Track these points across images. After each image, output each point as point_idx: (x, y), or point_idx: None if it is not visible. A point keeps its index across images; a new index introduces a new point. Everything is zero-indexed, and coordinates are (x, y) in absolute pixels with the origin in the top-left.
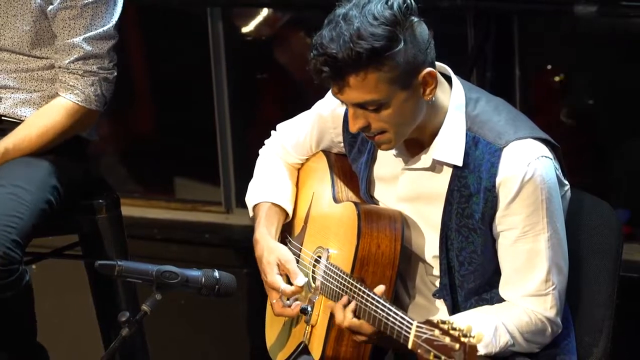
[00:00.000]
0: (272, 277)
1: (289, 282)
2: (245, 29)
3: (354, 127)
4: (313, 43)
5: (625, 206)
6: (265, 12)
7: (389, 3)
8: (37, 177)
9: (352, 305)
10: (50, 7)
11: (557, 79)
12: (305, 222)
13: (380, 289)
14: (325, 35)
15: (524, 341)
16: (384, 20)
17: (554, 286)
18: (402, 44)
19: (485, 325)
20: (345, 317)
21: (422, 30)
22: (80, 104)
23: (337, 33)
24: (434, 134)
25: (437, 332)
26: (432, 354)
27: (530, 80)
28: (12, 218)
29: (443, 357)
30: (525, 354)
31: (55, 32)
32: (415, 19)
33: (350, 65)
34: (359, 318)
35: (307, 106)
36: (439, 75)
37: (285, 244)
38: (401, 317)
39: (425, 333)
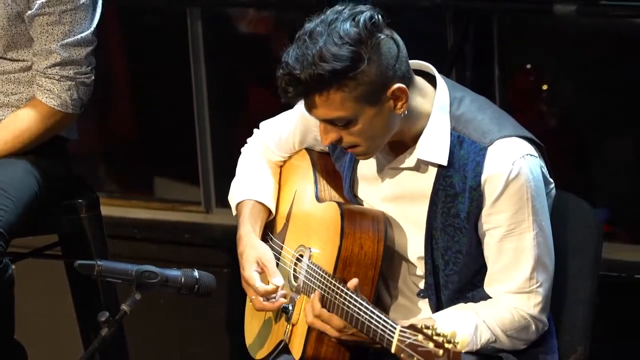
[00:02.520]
0: (249, 272)
1: (267, 283)
2: (224, 29)
3: (325, 141)
4: (281, 60)
5: (605, 205)
6: (245, 12)
7: (356, 20)
8: (19, 174)
9: (318, 297)
10: (29, 12)
11: (536, 78)
12: (287, 220)
13: (353, 282)
14: (291, 54)
15: (506, 338)
16: (348, 40)
17: (538, 284)
18: (366, 63)
19: (465, 323)
20: (314, 309)
21: (390, 46)
22: (56, 108)
23: (302, 52)
24: (418, 135)
25: (420, 337)
26: (415, 358)
27: (510, 79)
28: None
29: None
30: (510, 351)
31: (32, 36)
32: (383, 36)
33: (312, 86)
34: (347, 321)
35: (287, 106)
36: (418, 81)
37: (267, 242)
38: (384, 321)
39: (408, 338)
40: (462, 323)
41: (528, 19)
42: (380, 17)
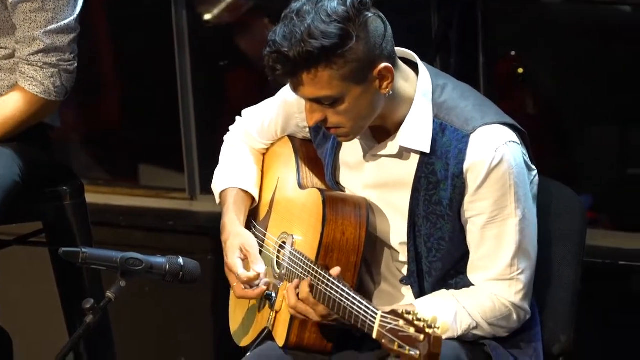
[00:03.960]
0: (232, 259)
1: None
2: (209, 17)
3: (311, 121)
4: (268, 39)
5: (589, 192)
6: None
7: None
8: (1, 161)
9: (304, 286)
10: None
11: (521, 65)
12: (270, 207)
13: (335, 270)
14: (279, 32)
15: (487, 326)
16: (336, 18)
17: (519, 271)
18: (355, 40)
19: (445, 310)
20: (301, 292)
21: (377, 25)
22: (39, 95)
23: (290, 30)
24: (400, 122)
25: (401, 322)
26: (396, 344)
27: (494, 66)
28: None
29: (407, 348)
30: (494, 339)
31: (15, 23)
32: (370, 14)
33: (301, 64)
34: (329, 307)
35: (272, 94)
36: (402, 65)
37: (250, 229)
38: (365, 307)
39: (390, 323)
40: (442, 310)
41: (513, 5)
42: None
